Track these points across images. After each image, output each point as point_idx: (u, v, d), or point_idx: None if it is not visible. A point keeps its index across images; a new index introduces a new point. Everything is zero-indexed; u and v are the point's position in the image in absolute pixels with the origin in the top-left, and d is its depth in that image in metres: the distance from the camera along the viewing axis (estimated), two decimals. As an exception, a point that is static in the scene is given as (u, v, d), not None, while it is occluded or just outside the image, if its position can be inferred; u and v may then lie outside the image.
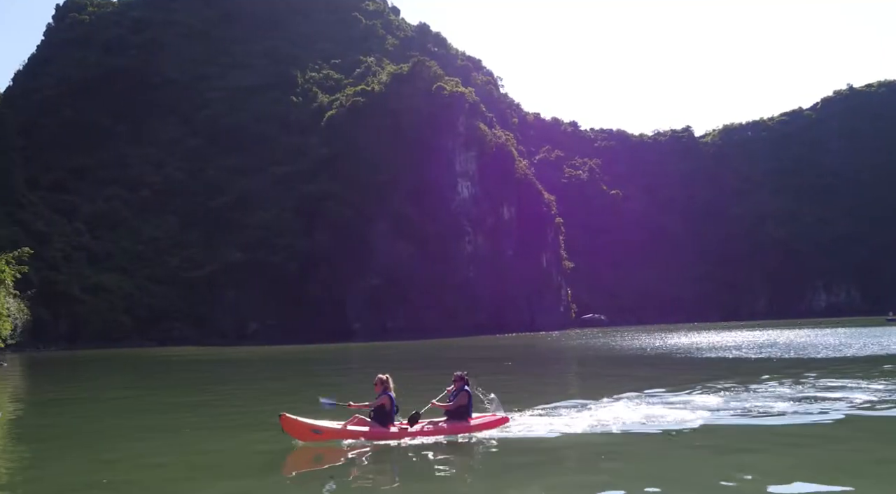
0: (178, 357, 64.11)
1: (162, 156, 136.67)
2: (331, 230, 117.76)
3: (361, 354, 61.54)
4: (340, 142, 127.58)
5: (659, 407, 16.57)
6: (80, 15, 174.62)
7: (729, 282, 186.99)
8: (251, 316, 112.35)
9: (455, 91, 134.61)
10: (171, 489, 10.52)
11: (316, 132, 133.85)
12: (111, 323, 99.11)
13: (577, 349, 58.41)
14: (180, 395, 26.96)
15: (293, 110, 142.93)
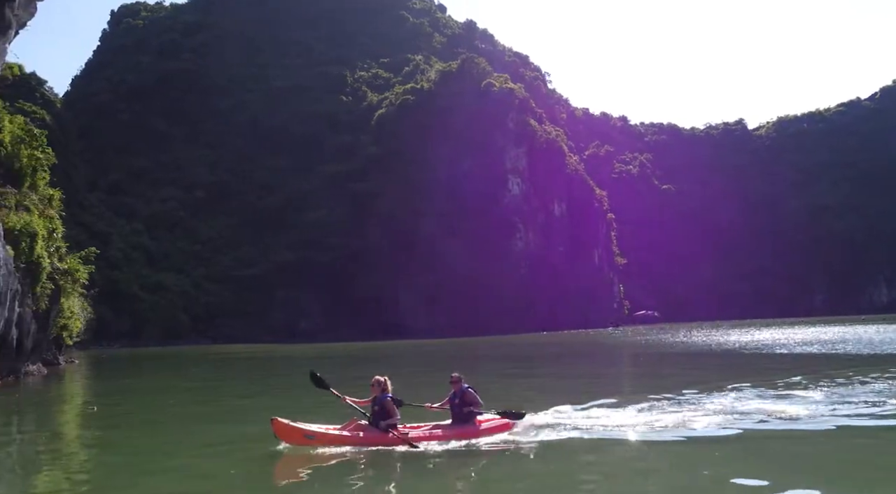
0: (235, 354, 64.95)
1: (215, 158, 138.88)
2: (381, 228, 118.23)
3: (412, 352, 61.57)
4: (390, 141, 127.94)
5: (696, 410, 15.22)
6: (135, 20, 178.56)
7: (785, 277, 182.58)
8: (303, 314, 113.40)
9: (504, 87, 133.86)
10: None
11: (366, 131, 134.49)
12: (170, 321, 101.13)
13: (626, 346, 57.57)
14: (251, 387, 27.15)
15: (343, 110, 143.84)
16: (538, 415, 14.50)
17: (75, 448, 13.89)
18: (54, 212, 36.98)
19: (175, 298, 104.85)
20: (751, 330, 78.58)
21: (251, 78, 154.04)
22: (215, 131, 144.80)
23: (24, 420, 19.95)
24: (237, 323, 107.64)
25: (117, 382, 34.79)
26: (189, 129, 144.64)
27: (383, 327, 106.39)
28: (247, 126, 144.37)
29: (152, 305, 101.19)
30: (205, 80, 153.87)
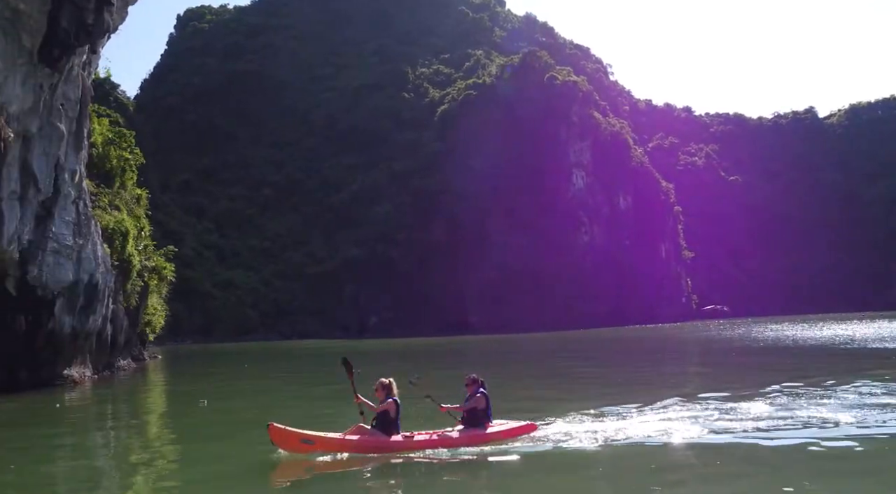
0: (307, 349, 65.78)
1: (281, 157, 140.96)
2: (447, 223, 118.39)
3: (480, 347, 61.40)
4: (454, 136, 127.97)
5: (736, 415, 14.13)
6: (200, 23, 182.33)
7: (860, 271, 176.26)
8: (371, 310, 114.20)
9: (567, 80, 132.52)
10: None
11: (429, 127, 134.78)
12: (240, 317, 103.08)
13: (693, 341, 56.35)
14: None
15: (405, 106, 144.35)
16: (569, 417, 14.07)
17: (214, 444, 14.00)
18: (142, 210, 37.85)
19: (245, 295, 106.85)
20: (830, 324, 76.08)
21: (314, 77, 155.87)
22: (280, 130, 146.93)
23: (141, 412, 20.41)
24: (307, 319, 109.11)
25: (212, 377, 35.38)
26: (254, 129, 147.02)
27: (450, 323, 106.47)
28: (311, 124, 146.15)
29: (223, 302, 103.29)
30: (268, 81, 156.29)
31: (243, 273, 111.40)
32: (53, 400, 24.29)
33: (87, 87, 28.08)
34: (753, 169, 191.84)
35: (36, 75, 24.56)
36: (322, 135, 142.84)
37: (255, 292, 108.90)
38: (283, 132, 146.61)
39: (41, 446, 14.20)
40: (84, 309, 27.94)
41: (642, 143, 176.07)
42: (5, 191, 23.76)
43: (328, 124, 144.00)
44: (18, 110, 24.10)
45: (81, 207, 27.50)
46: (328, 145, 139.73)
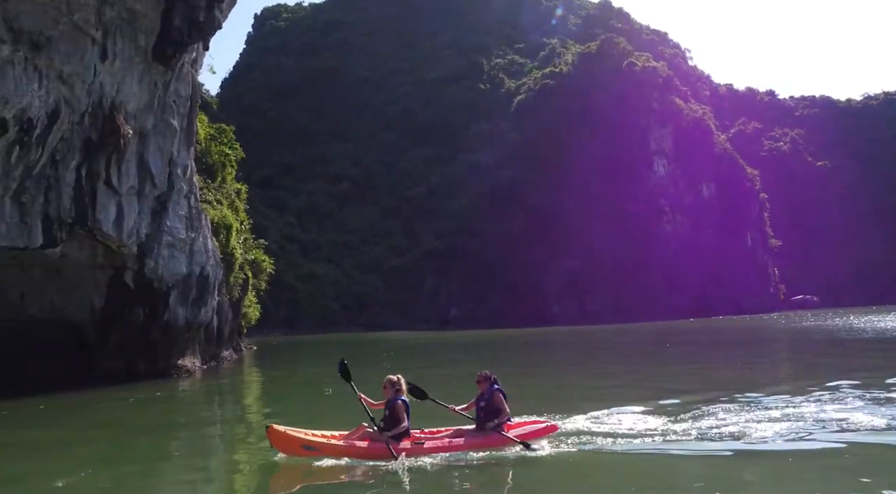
0: (404, 340, 66.30)
1: (359, 151, 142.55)
2: (526, 214, 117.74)
3: (562, 338, 60.81)
4: (531, 127, 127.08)
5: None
6: (276, 22, 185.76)
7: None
8: (451, 302, 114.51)
9: (647, 66, 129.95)
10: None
11: (506, 118, 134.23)
12: (324, 309, 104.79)
13: (778, 332, 54.43)
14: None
15: (481, 98, 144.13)
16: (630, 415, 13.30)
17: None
18: (241, 204, 38.67)
19: (327, 288, 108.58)
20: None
21: (389, 71, 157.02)
22: (357, 125, 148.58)
23: (265, 403, 20.81)
24: (387, 311, 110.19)
25: (322, 366, 35.87)
26: (332, 125, 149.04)
27: (530, 315, 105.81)
28: (388, 118, 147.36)
29: (307, 295, 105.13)
30: (345, 77, 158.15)
31: (325, 266, 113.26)
32: (173, 387, 25.02)
33: (196, 84, 28.81)
34: (842, 153, 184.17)
35: (150, 73, 25.23)
36: (399, 129, 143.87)
37: (337, 285, 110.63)
38: (360, 127, 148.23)
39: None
40: (196, 301, 28.71)
41: (724, 130, 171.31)
42: (124, 186, 24.51)
43: (404, 118, 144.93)
44: (135, 108, 24.81)
45: (193, 201, 28.23)
46: (405, 139, 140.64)
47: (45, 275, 25.45)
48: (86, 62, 22.67)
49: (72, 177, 22.95)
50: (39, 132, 21.34)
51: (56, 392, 22.45)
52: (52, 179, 22.55)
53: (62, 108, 21.97)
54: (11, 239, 21.83)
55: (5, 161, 21.02)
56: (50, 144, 21.99)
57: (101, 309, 26.26)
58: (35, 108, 20.89)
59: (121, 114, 23.79)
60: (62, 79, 21.95)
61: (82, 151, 23.15)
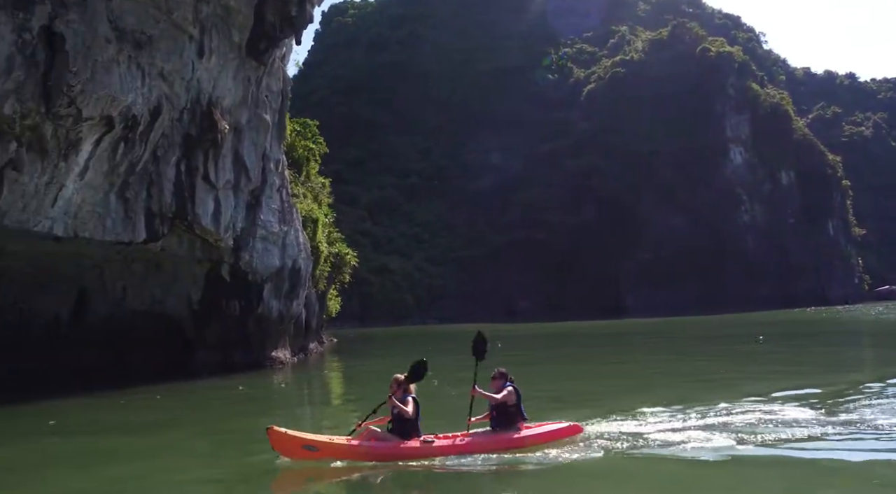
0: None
1: (427, 144, 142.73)
2: (598, 205, 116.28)
3: (638, 330, 59.68)
4: (602, 116, 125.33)
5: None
6: (344, 18, 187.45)
7: None
8: (521, 294, 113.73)
9: (721, 51, 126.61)
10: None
11: (575, 107, 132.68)
12: (396, 301, 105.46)
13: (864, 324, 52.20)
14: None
15: (550, 88, 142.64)
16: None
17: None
18: (325, 198, 39.01)
19: (399, 280, 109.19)
20: None
21: (458, 63, 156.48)
22: (425, 118, 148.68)
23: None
24: (458, 303, 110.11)
25: (401, 360, 36.00)
26: (400, 118, 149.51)
27: (604, 307, 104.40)
28: (455, 110, 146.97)
29: (379, 288, 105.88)
30: (414, 70, 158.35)
31: (397, 259, 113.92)
32: (273, 379, 25.35)
33: (286, 79, 29.10)
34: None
35: (244, 69, 25.55)
36: (466, 121, 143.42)
37: (408, 277, 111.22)
38: (427, 120, 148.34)
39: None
40: (289, 294, 29.07)
41: (802, 115, 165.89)
42: (221, 180, 24.89)
43: (472, 109, 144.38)
44: (230, 103, 25.16)
45: (284, 195, 28.56)
46: (473, 130, 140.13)
47: (145, 270, 26.08)
48: (184, 59, 23.08)
49: (172, 173, 23.41)
50: (142, 129, 21.81)
51: (161, 382, 22.93)
52: (153, 175, 23.04)
53: (163, 105, 22.41)
54: (117, 234, 22.37)
55: (111, 157, 21.55)
56: (152, 140, 22.47)
57: (199, 302, 26.80)
58: (139, 106, 21.34)
59: (217, 109, 24.15)
60: (163, 76, 22.38)
61: (182, 147, 23.59)
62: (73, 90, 19.12)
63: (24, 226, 20.06)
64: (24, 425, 15.42)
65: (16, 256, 23.14)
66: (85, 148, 20.52)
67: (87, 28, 19.42)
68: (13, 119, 18.13)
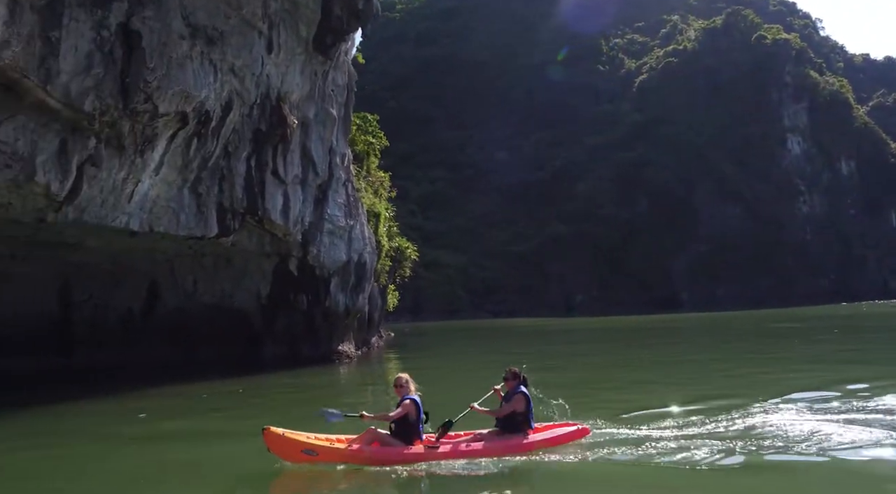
0: (542, 327, 65.88)
1: (480, 137, 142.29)
2: (652, 197, 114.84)
3: (692, 324, 58.63)
4: (654, 107, 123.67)
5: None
6: (391, 14, 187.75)
7: None
8: (577, 288, 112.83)
9: (778, 38, 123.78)
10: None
11: (627, 99, 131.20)
12: (449, 296, 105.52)
13: None
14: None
15: (601, 79, 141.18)
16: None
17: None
18: (385, 192, 39.01)
19: (453, 274, 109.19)
20: None
21: (507, 55, 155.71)
22: (476, 111, 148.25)
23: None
24: (513, 297, 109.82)
25: (476, 351, 35.91)
26: (451, 112, 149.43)
27: (659, 300, 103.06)
28: (507, 103, 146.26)
29: (432, 282, 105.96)
30: (462, 63, 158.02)
31: (450, 253, 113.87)
32: (341, 372, 25.38)
33: (351, 73, 29.09)
34: None
35: (311, 63, 25.59)
36: (518, 114, 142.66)
37: (462, 272, 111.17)
38: (479, 113, 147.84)
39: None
40: (355, 288, 29.13)
41: (861, 103, 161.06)
42: (290, 175, 24.98)
43: (524, 102, 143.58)
44: (298, 98, 25.22)
45: (350, 189, 28.59)
46: (525, 123, 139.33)
47: (215, 264, 26.35)
48: (254, 54, 23.17)
49: (243, 168, 23.56)
50: (214, 124, 21.96)
51: (232, 376, 23.07)
52: (224, 170, 23.21)
53: (234, 100, 22.54)
54: (190, 229, 22.60)
55: (184, 153, 21.77)
56: (224, 136, 22.63)
57: (268, 296, 26.99)
58: (211, 101, 21.48)
59: (286, 104, 24.22)
60: (234, 71, 22.49)
61: (252, 142, 23.72)
62: (149, 86, 19.31)
63: (102, 221, 20.37)
64: (114, 419, 15.59)
65: (92, 252, 23.56)
66: (160, 143, 20.75)
67: (162, 25, 19.58)
68: (93, 115, 18.34)
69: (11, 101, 16.88)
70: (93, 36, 18.03)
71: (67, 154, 18.53)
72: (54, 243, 22.33)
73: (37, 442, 12.62)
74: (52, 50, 16.79)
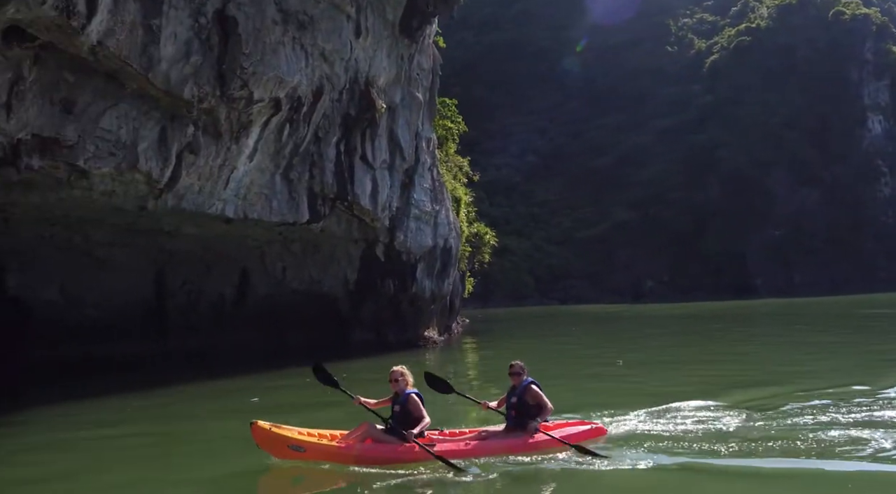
0: (611, 313, 64.96)
1: (543, 123, 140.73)
2: (724, 180, 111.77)
3: (768, 311, 56.80)
4: (726, 87, 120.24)
5: None
6: None
7: None
8: (646, 274, 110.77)
9: (857, 13, 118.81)
10: None
11: (697, 80, 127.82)
12: (517, 282, 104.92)
13: None
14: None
15: (669, 61, 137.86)
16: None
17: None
18: (463, 177, 38.74)
19: (519, 261, 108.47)
20: None
21: (571, 40, 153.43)
22: (540, 96, 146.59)
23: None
24: (581, 284, 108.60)
25: (546, 339, 35.48)
26: (515, 97, 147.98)
27: (733, 286, 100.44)
28: (571, 87, 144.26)
29: (500, 268, 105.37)
30: (525, 48, 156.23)
31: (516, 239, 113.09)
32: (433, 357, 25.22)
33: (436, 56, 28.83)
34: None
35: (397, 47, 25.40)
36: (582, 98, 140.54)
37: (529, 258, 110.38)
38: (542, 98, 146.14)
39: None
40: (440, 273, 29.01)
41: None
42: (378, 160, 24.89)
43: (588, 86, 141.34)
44: (385, 82, 25.07)
45: (435, 174, 28.42)
46: (590, 107, 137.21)
47: (304, 250, 26.46)
48: (343, 39, 23.08)
49: (332, 153, 23.54)
50: (306, 109, 21.96)
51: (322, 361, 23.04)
52: (315, 156, 23.23)
53: (325, 85, 22.50)
54: (282, 215, 22.72)
55: (277, 139, 21.83)
56: (314, 121, 22.62)
57: (355, 281, 27.00)
58: (303, 86, 21.46)
59: (374, 88, 24.07)
60: (324, 56, 22.44)
61: (341, 127, 23.68)
62: (245, 72, 19.36)
63: (199, 208, 20.59)
64: (229, 401, 15.68)
65: (186, 239, 23.90)
66: (254, 130, 20.84)
67: (256, 10, 19.60)
68: (191, 103, 18.47)
69: (114, 90, 17.11)
70: (191, 23, 18.12)
71: (167, 141, 18.75)
72: (152, 231, 22.71)
73: (166, 424, 12.75)
74: (152, 38, 16.89)
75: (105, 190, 18.44)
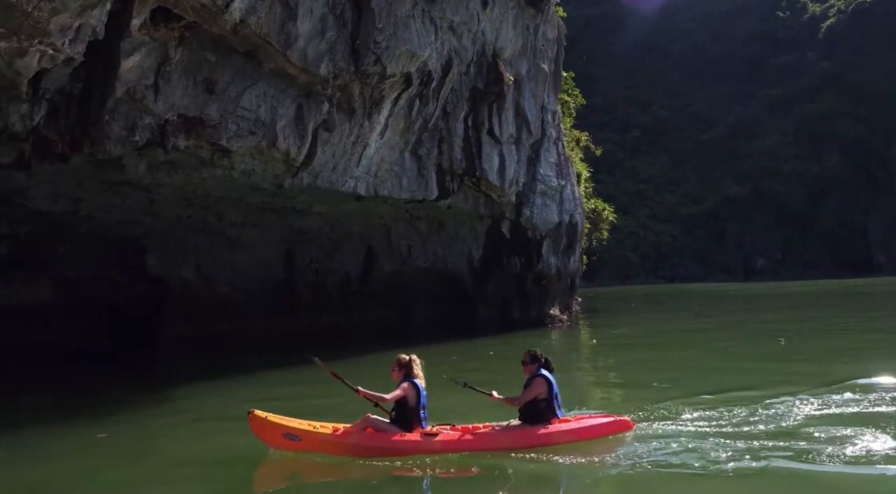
0: (729, 292, 62.85)
1: (646, 96, 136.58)
2: (843, 152, 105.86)
3: (888, 290, 53.15)
4: (844, 53, 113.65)
5: None
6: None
7: None
8: (757, 251, 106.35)
9: None
10: None
11: (811, 46, 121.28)
12: (622, 260, 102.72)
13: None
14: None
15: (781, 27, 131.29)
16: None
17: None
18: (580, 152, 37.77)
19: (624, 239, 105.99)
20: None
21: (674, 8, 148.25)
22: (642, 69, 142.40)
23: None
24: (688, 261, 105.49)
25: (670, 318, 34.31)
26: (616, 70, 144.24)
27: (851, 264, 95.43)
28: (675, 58, 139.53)
29: (605, 246, 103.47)
30: (626, 19, 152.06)
31: (621, 217, 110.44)
32: (570, 335, 24.64)
33: (560, 26, 27.97)
34: None
35: (523, 17, 24.73)
36: (687, 69, 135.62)
37: (634, 236, 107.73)
38: (645, 70, 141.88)
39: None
40: (566, 250, 28.34)
41: None
42: (505, 134, 24.33)
43: (693, 56, 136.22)
44: (511, 54, 24.46)
45: (560, 148, 27.68)
46: (695, 79, 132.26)
47: (429, 228, 26.26)
48: (470, 10, 22.57)
49: (461, 128, 23.14)
50: (435, 84, 21.59)
51: (449, 339, 22.81)
52: (443, 131, 22.88)
53: (453, 59, 22.07)
54: (412, 192, 22.51)
55: (406, 115, 21.56)
56: (443, 96, 22.23)
57: (480, 259, 26.64)
58: (433, 60, 21.11)
59: (501, 60, 23.49)
60: (452, 29, 22.00)
61: (469, 101, 23.22)
62: (378, 47, 19.12)
63: (333, 185, 20.57)
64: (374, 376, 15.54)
65: (316, 217, 24.04)
66: (386, 106, 20.62)
67: (388, -17, 19.31)
68: (327, 79, 18.35)
69: (252, 69, 17.14)
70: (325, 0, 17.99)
71: (304, 119, 18.73)
72: (283, 209, 22.92)
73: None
74: (290, 14, 16.79)
75: (245, 168, 18.58)
